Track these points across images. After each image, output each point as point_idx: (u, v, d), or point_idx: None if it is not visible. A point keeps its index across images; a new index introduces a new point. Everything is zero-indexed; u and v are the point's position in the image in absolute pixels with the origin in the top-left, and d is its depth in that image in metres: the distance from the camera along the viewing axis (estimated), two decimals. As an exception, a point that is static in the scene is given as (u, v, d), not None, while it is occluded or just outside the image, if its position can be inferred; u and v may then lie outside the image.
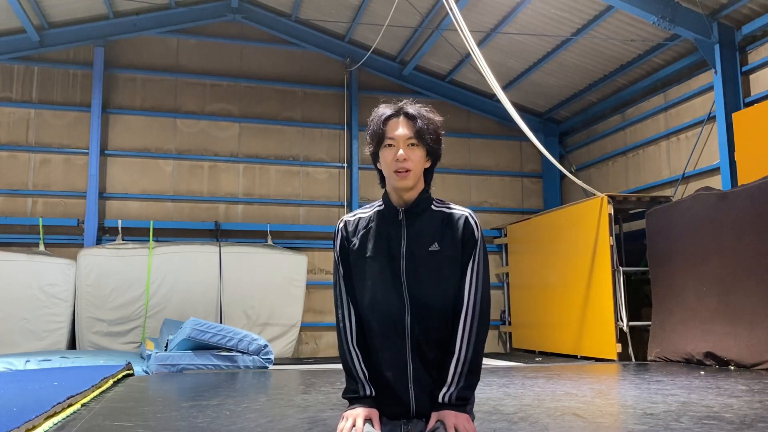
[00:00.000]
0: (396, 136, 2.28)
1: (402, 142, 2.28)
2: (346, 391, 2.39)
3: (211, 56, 12.09)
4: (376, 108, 2.38)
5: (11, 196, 10.87)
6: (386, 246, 2.34)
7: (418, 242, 2.33)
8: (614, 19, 9.46)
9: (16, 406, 4.03)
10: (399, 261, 2.31)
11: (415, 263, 2.31)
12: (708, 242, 7.70)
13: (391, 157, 2.29)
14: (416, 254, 2.32)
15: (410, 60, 12.17)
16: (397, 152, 2.27)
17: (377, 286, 2.34)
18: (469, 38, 7.73)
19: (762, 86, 8.58)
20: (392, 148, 2.29)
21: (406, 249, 2.32)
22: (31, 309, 9.69)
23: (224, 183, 11.77)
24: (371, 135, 2.36)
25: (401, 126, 2.29)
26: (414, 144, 2.29)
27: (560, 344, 10.03)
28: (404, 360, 2.32)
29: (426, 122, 2.30)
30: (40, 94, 11.24)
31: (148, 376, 7.15)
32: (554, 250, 10.16)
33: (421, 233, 2.34)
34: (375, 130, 2.33)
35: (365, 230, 2.39)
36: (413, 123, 2.29)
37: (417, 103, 2.38)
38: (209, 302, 10.32)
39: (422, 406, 2.31)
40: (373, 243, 2.36)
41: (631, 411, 4.38)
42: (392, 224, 2.36)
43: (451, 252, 2.32)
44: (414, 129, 2.28)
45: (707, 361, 7.42)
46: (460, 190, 12.52)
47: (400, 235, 2.34)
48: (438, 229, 2.34)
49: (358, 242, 2.38)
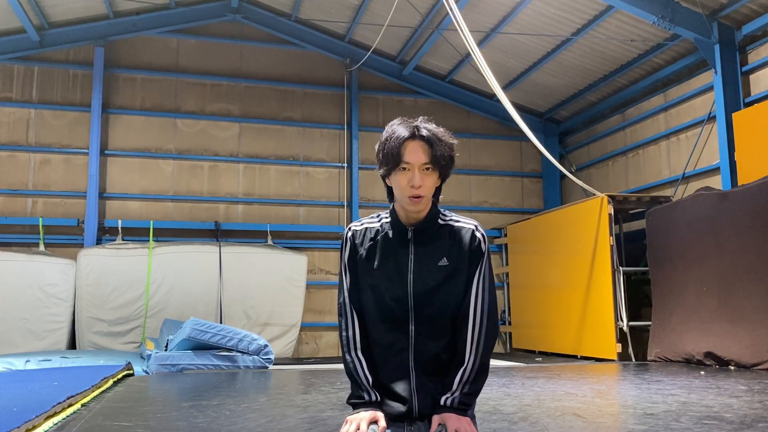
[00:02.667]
0: (412, 162, 2.24)
1: (417, 168, 2.25)
2: (350, 397, 2.41)
3: (211, 56, 12.09)
4: (390, 125, 2.33)
5: (11, 196, 10.87)
6: (393, 260, 2.35)
7: (426, 258, 2.34)
8: (614, 19, 9.46)
9: (16, 406, 4.03)
10: (406, 276, 2.33)
11: (422, 277, 2.33)
12: (708, 242, 7.70)
13: (405, 182, 2.25)
14: (423, 269, 2.33)
15: (410, 60, 12.17)
16: (412, 178, 2.24)
17: (383, 297, 2.35)
18: (469, 38, 7.73)
19: (762, 86, 8.58)
20: (407, 172, 2.25)
21: (413, 265, 2.34)
22: (31, 309, 9.68)
23: (224, 183, 11.77)
24: (385, 155, 2.28)
25: (418, 151, 2.25)
26: (429, 168, 2.27)
27: (560, 344, 10.03)
28: (407, 368, 2.34)
29: (442, 148, 2.27)
30: (40, 94, 11.24)
31: (148, 376, 7.15)
32: (554, 250, 10.16)
33: (429, 249, 2.35)
34: (390, 152, 2.26)
35: (372, 242, 2.39)
36: (429, 148, 2.25)
37: (431, 121, 2.34)
38: (209, 302, 10.32)
39: (424, 407, 2.33)
40: (380, 256, 2.37)
41: (631, 411, 4.38)
42: (400, 240, 2.37)
43: (459, 265, 2.34)
44: (430, 155, 2.24)
45: (707, 361, 7.42)
46: (460, 190, 12.53)
47: (407, 251, 2.35)
48: (446, 244, 2.35)
49: (365, 253, 2.39)
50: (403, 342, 2.34)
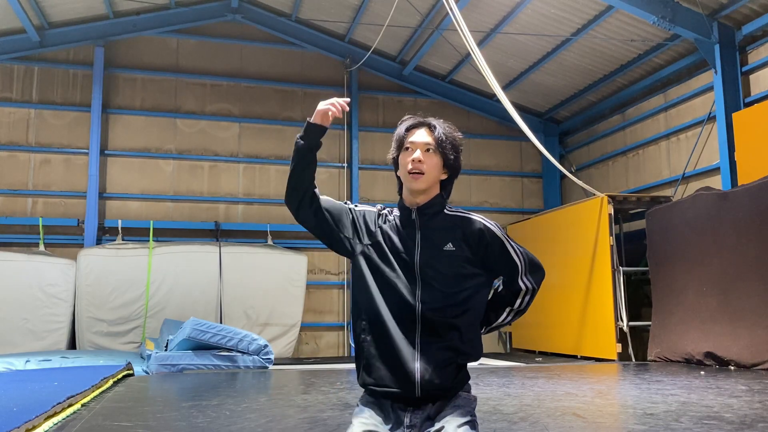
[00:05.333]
0: (415, 141, 2.44)
1: (420, 146, 2.43)
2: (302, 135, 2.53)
3: (211, 56, 12.09)
4: (402, 119, 2.55)
5: (11, 196, 10.87)
6: (400, 244, 2.43)
7: (432, 241, 2.42)
8: (614, 19, 9.46)
9: (16, 406, 4.03)
10: (413, 258, 2.40)
11: (429, 261, 2.39)
12: (708, 242, 7.70)
13: (407, 159, 2.43)
14: (430, 252, 2.41)
15: (410, 60, 12.17)
16: (413, 154, 2.42)
17: (389, 276, 2.40)
18: (469, 38, 7.73)
19: (762, 86, 8.58)
20: (410, 151, 2.44)
21: (420, 248, 2.41)
22: (31, 309, 9.68)
23: (224, 183, 11.77)
24: (395, 141, 2.52)
25: (421, 133, 2.46)
26: (431, 150, 2.44)
27: (560, 344, 10.03)
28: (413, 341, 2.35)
29: (445, 133, 2.47)
30: (40, 94, 11.24)
31: (148, 376, 7.15)
32: (554, 250, 10.16)
33: (435, 233, 2.43)
34: (397, 137, 2.50)
35: (380, 224, 2.49)
36: (433, 132, 2.45)
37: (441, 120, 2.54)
38: (209, 302, 10.32)
39: (427, 382, 2.32)
40: (386, 238, 2.45)
41: (631, 411, 4.38)
42: (406, 224, 2.46)
43: (468, 253, 2.42)
44: (433, 136, 2.44)
45: (707, 361, 7.42)
46: (460, 190, 12.53)
47: (414, 235, 2.43)
48: (452, 231, 2.44)
49: (373, 232, 2.47)
50: (410, 320, 2.36)
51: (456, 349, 2.37)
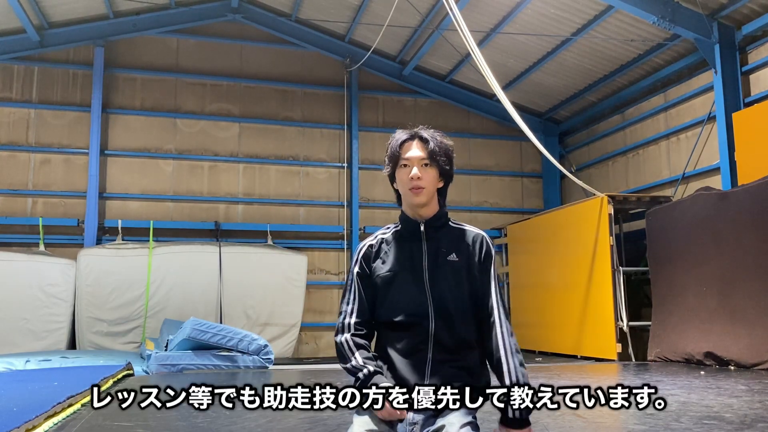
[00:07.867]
0: (410, 157, 2.49)
1: (416, 162, 2.48)
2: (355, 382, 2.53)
3: (211, 56, 12.09)
4: (393, 134, 2.59)
5: (11, 196, 10.87)
6: (409, 259, 2.51)
7: (439, 253, 2.51)
8: (614, 19, 9.46)
9: (16, 406, 4.03)
10: (422, 272, 2.48)
11: (436, 271, 2.49)
12: (708, 242, 7.70)
13: (406, 176, 2.49)
14: (437, 263, 2.49)
15: (410, 60, 12.17)
16: (411, 171, 2.48)
17: (402, 290, 2.49)
18: (469, 38, 7.73)
19: (762, 86, 8.58)
20: (407, 168, 2.49)
21: (428, 260, 2.49)
22: (31, 309, 9.68)
23: (224, 183, 11.77)
24: (389, 158, 2.57)
25: (415, 148, 2.50)
26: (427, 164, 2.48)
27: (560, 344, 10.03)
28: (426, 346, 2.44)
29: (438, 144, 2.51)
30: (40, 94, 11.24)
31: (148, 376, 7.15)
32: (554, 250, 10.15)
33: (441, 245, 2.52)
34: (392, 153, 2.54)
35: (387, 249, 2.57)
36: (426, 145, 2.49)
37: (430, 128, 2.58)
38: (209, 302, 10.32)
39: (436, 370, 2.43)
40: (395, 258, 2.53)
41: (631, 411, 4.38)
42: (413, 238, 2.53)
43: (467, 263, 2.51)
44: (427, 150, 2.48)
45: (707, 361, 7.42)
46: (460, 190, 12.54)
47: (421, 248, 2.51)
48: (456, 243, 2.53)
49: (382, 261, 2.55)
50: (423, 327, 2.43)
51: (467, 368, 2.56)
